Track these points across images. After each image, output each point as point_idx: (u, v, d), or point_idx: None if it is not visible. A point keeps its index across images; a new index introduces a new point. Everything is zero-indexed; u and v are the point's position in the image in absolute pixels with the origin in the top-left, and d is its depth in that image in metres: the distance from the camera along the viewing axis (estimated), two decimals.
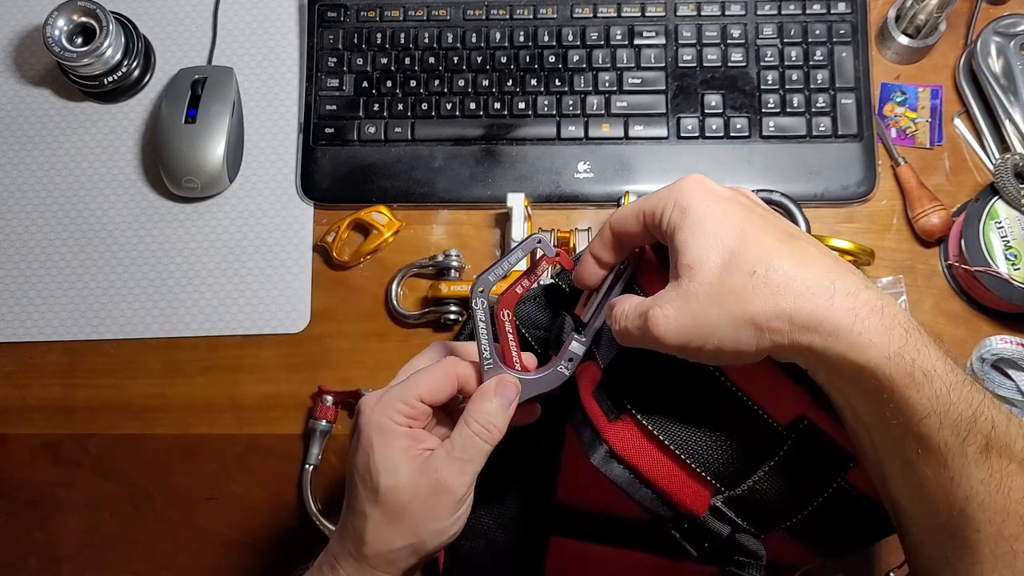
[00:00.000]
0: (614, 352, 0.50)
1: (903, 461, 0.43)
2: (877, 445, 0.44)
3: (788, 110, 0.78)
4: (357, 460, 0.49)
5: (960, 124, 0.79)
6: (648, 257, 0.51)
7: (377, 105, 0.80)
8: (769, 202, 0.76)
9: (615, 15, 0.81)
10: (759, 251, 0.43)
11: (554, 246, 0.51)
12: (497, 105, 0.80)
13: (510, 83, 0.80)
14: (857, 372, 0.42)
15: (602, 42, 0.80)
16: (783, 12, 0.80)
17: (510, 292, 0.51)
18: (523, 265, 0.55)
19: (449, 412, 0.53)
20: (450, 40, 0.81)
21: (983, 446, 0.41)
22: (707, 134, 0.78)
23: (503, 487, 0.61)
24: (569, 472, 0.60)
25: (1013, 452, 0.41)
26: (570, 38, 0.80)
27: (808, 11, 0.80)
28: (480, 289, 0.50)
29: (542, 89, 0.80)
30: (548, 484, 0.61)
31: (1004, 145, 0.76)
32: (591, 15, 0.81)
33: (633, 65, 0.80)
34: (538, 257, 0.51)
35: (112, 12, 0.79)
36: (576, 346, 0.50)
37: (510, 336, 0.51)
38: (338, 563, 0.50)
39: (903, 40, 0.79)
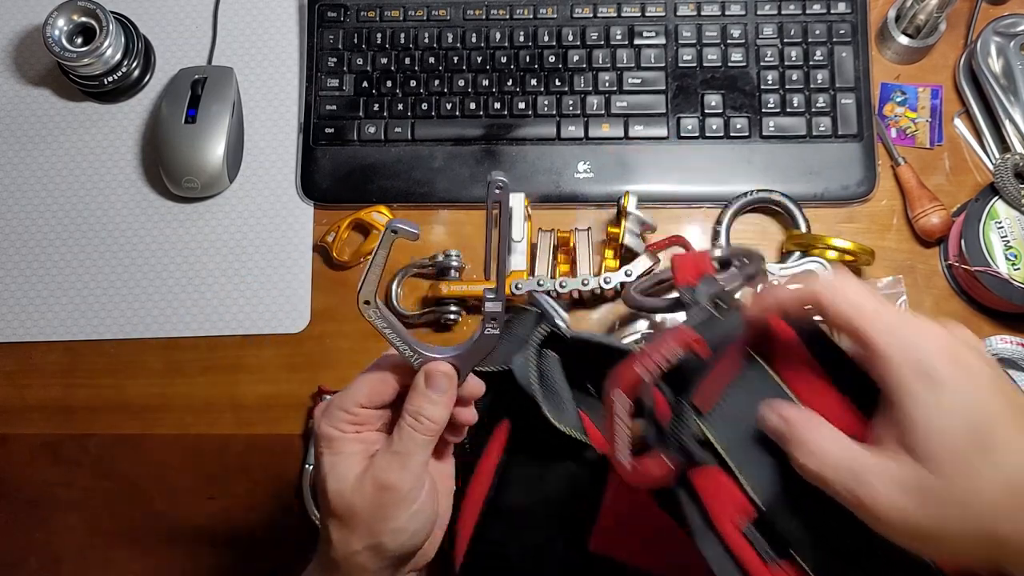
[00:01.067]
0: (766, 475, 0.42)
1: None
2: None
3: (788, 110, 0.78)
4: (314, 470, 0.50)
5: (960, 124, 0.79)
6: (787, 338, 0.43)
7: (377, 105, 0.80)
8: (769, 202, 0.76)
9: (615, 15, 0.81)
10: (1018, 458, 0.37)
11: (410, 228, 0.47)
12: (497, 105, 0.80)
13: (510, 83, 0.80)
14: None
15: (602, 42, 0.80)
16: (783, 12, 0.80)
17: (627, 371, 0.43)
18: (383, 259, 0.49)
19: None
20: (450, 40, 0.81)
21: None
22: (707, 134, 0.78)
23: (533, 521, 0.59)
24: (608, 521, 0.57)
25: None
26: (570, 38, 0.80)
27: (808, 11, 0.80)
28: (365, 301, 0.49)
29: (542, 89, 0.80)
30: (582, 530, 0.57)
31: (1004, 145, 0.76)
32: (591, 15, 0.81)
33: (633, 65, 0.80)
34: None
35: (112, 12, 0.79)
36: (491, 305, 0.48)
37: (618, 423, 0.43)
38: (320, 567, 0.51)
39: (903, 40, 0.79)
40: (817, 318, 0.42)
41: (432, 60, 0.81)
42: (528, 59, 0.80)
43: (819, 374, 0.41)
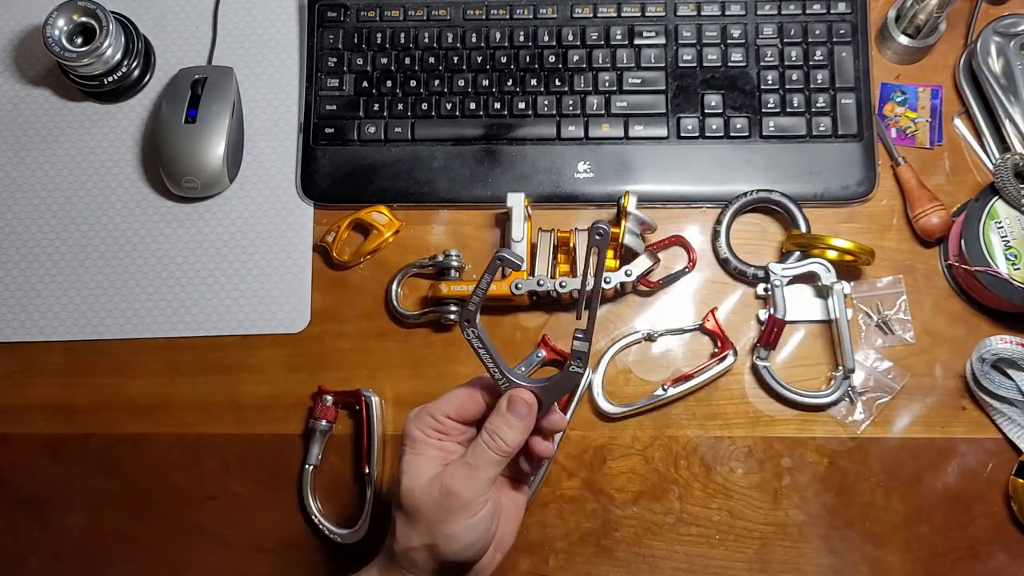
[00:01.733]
0: None
1: None
2: None
3: (788, 110, 0.78)
4: (398, 468, 0.55)
5: (960, 124, 0.79)
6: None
7: (377, 105, 0.80)
8: (769, 202, 0.76)
9: (615, 15, 0.81)
10: None
11: (515, 259, 0.53)
12: (497, 105, 0.80)
13: (510, 83, 0.80)
14: None
15: (602, 42, 0.80)
16: (783, 12, 0.80)
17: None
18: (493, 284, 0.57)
19: None
20: (450, 40, 0.81)
21: None
22: (707, 134, 0.78)
23: None
24: None
25: None
26: (570, 38, 0.80)
27: (808, 11, 0.80)
28: (466, 320, 0.54)
29: (542, 89, 0.80)
30: None
31: (1004, 145, 0.76)
32: (591, 15, 0.81)
33: (633, 65, 0.80)
34: (503, 271, 0.54)
35: (112, 12, 0.79)
36: (579, 344, 0.54)
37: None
38: (383, 559, 0.56)
39: (903, 40, 0.79)
40: None
41: (432, 60, 0.81)
42: (528, 59, 0.80)
43: None
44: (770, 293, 0.73)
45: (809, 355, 0.75)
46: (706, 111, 0.78)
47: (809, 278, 0.75)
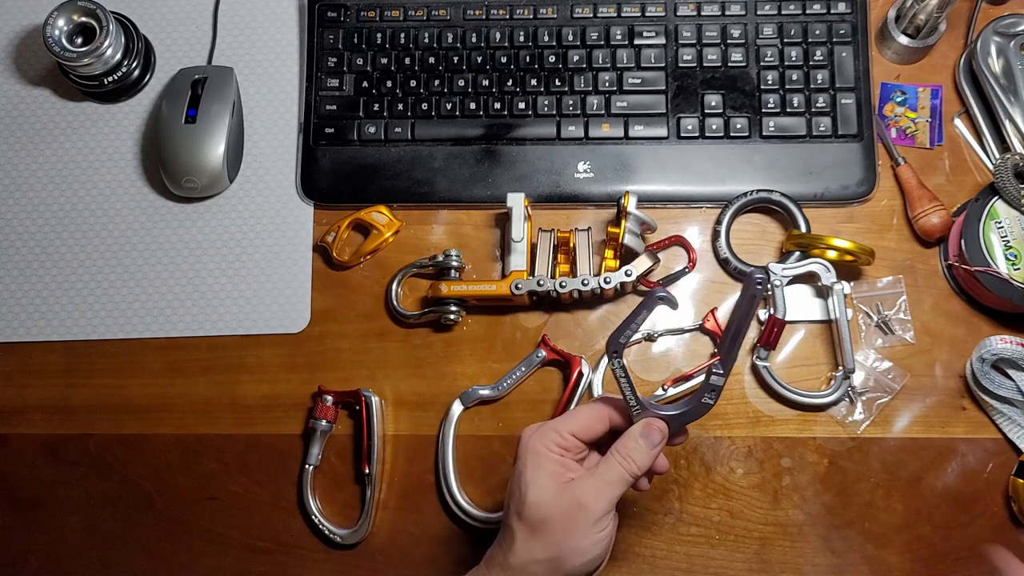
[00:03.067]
0: None
1: None
2: None
3: (788, 110, 0.78)
4: (513, 479, 0.57)
5: (960, 124, 0.79)
6: None
7: (377, 105, 0.80)
8: (769, 202, 0.76)
9: (615, 15, 0.81)
10: None
11: (673, 299, 0.57)
12: (497, 105, 0.80)
13: (510, 83, 0.80)
14: None
15: (602, 42, 0.80)
16: (783, 12, 0.80)
17: None
18: (648, 322, 0.61)
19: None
20: (450, 40, 0.81)
21: None
22: (707, 134, 0.78)
23: None
24: None
25: None
26: (570, 38, 0.80)
27: (808, 11, 0.80)
28: (614, 352, 0.57)
29: (542, 89, 0.80)
30: None
31: (1004, 145, 0.76)
32: (591, 15, 0.81)
33: (633, 65, 0.80)
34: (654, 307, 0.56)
35: (112, 12, 0.79)
36: (716, 379, 0.57)
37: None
38: (490, 571, 0.56)
39: (903, 40, 0.79)
40: None
41: (432, 60, 0.81)
42: (528, 59, 0.80)
43: None
44: (770, 293, 0.73)
45: (809, 355, 0.75)
46: (706, 111, 0.78)
47: (809, 278, 0.75)
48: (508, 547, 0.55)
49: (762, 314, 0.74)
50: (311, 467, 0.74)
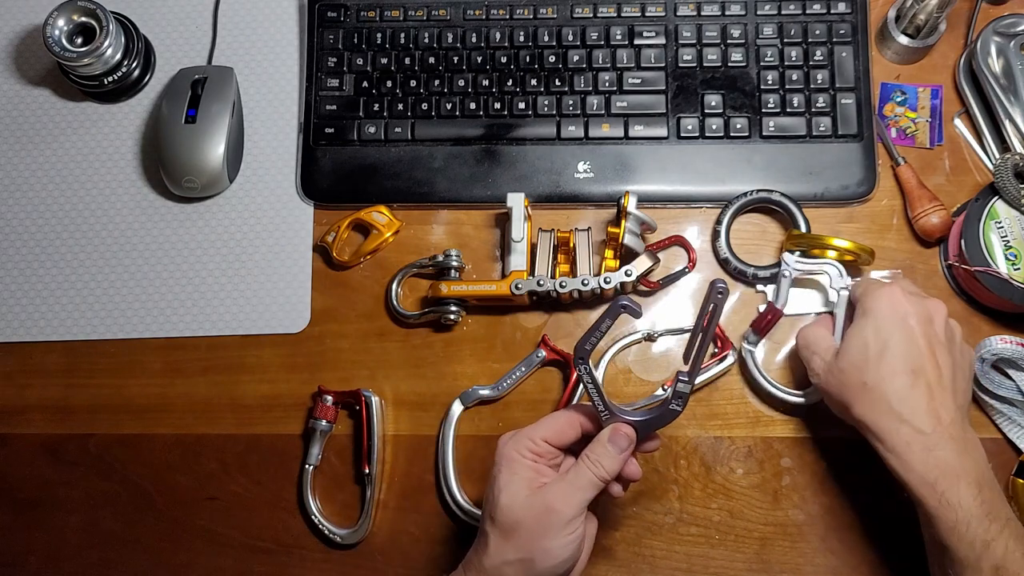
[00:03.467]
0: None
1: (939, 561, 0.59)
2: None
3: (788, 110, 0.78)
4: (488, 485, 0.59)
5: (960, 124, 0.79)
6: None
7: (377, 105, 0.80)
8: (769, 202, 0.76)
9: (615, 15, 0.81)
10: (880, 374, 0.61)
11: (635, 307, 0.57)
12: (497, 105, 0.80)
13: (510, 83, 0.80)
14: (902, 484, 0.60)
15: (602, 42, 0.80)
16: (783, 12, 0.80)
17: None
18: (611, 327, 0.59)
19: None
20: (450, 40, 0.81)
21: (994, 567, 0.56)
22: (707, 134, 0.78)
23: None
24: None
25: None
26: (570, 38, 0.80)
27: (808, 11, 0.80)
28: (580, 358, 0.58)
29: (542, 89, 0.80)
30: None
31: (1004, 145, 0.76)
32: (591, 15, 0.81)
33: (633, 65, 0.80)
34: (619, 316, 0.57)
35: (112, 12, 0.79)
36: (682, 386, 0.58)
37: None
38: (466, 573, 0.58)
39: (903, 40, 0.79)
40: None
41: (432, 60, 0.81)
42: (528, 59, 0.80)
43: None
44: (777, 282, 0.72)
45: None
46: (706, 111, 0.78)
47: (814, 279, 0.75)
48: (483, 550, 0.57)
49: (763, 308, 0.74)
50: (311, 467, 0.74)
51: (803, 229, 0.75)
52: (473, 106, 0.80)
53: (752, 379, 0.73)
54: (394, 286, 0.77)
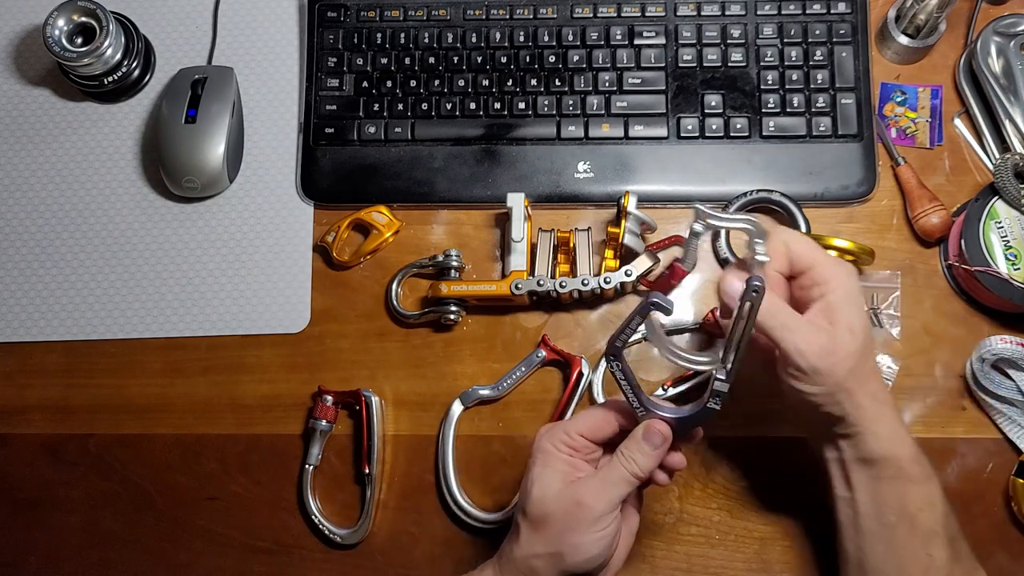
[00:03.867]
0: None
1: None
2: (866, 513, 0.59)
3: (788, 110, 0.78)
4: (524, 477, 0.58)
5: (960, 124, 0.79)
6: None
7: (377, 105, 0.80)
8: (769, 202, 0.76)
9: (615, 15, 0.81)
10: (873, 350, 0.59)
11: (666, 304, 0.55)
12: (497, 105, 0.80)
13: (510, 83, 0.80)
14: (881, 463, 0.58)
15: (602, 42, 0.80)
16: (783, 12, 0.80)
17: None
18: (643, 327, 0.58)
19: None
20: (450, 40, 0.81)
21: (951, 521, 0.59)
22: (707, 134, 0.78)
23: None
24: None
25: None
26: (570, 38, 0.80)
27: (808, 11, 0.80)
28: (612, 355, 0.57)
29: (542, 89, 0.80)
30: None
31: (1004, 145, 0.76)
32: (591, 15, 0.81)
33: (633, 65, 0.80)
34: (651, 314, 0.55)
35: (112, 12, 0.79)
36: (720, 384, 0.57)
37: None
38: (498, 563, 0.59)
39: (903, 40, 0.79)
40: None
41: (432, 60, 0.81)
42: (528, 59, 0.80)
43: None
44: (686, 239, 0.64)
45: None
46: (706, 111, 0.78)
47: None
48: (515, 541, 0.57)
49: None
50: (311, 467, 0.74)
51: (803, 229, 0.75)
52: (473, 106, 0.80)
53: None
54: (394, 286, 0.77)
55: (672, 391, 0.73)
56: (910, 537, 0.57)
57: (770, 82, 0.79)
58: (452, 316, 0.75)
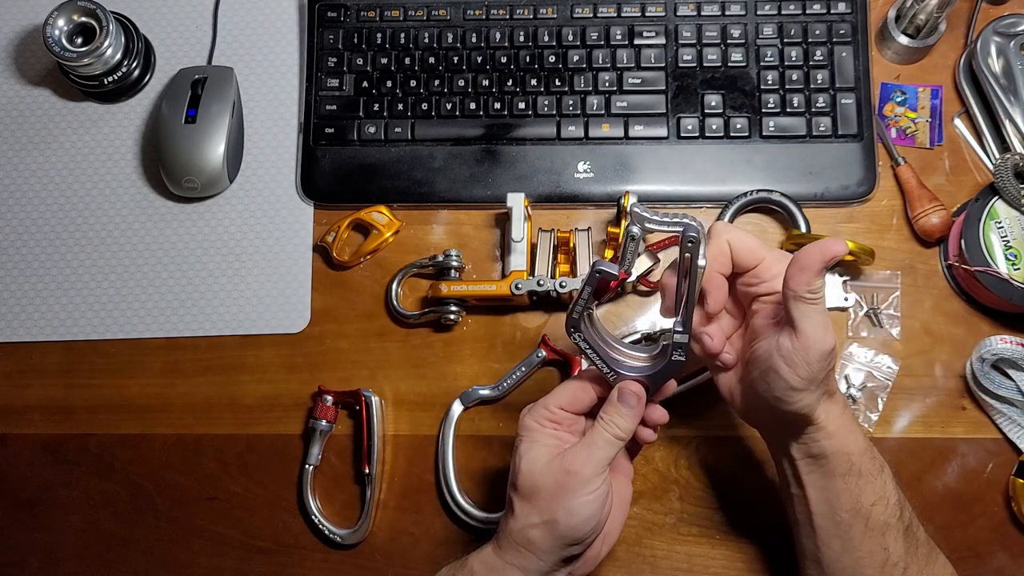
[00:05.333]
0: None
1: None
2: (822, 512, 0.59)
3: (788, 110, 0.78)
4: (512, 455, 0.59)
5: (960, 124, 0.79)
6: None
7: (377, 105, 0.80)
8: (769, 202, 0.76)
9: (615, 15, 0.81)
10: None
11: (611, 269, 0.55)
12: (497, 105, 0.80)
13: (510, 83, 0.80)
14: (842, 458, 0.58)
15: (602, 42, 0.80)
16: (783, 12, 0.80)
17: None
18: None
19: None
20: (450, 40, 0.81)
21: (903, 509, 0.59)
22: (707, 134, 0.78)
23: None
24: None
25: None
26: (570, 38, 0.80)
27: (808, 11, 0.80)
28: (572, 327, 0.58)
29: (542, 89, 0.80)
30: None
31: (1004, 145, 0.76)
32: (591, 15, 0.81)
33: (633, 65, 0.80)
34: (599, 281, 0.56)
35: (112, 12, 0.79)
36: (680, 336, 0.57)
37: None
38: (496, 540, 0.60)
39: (903, 40, 0.79)
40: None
41: (432, 60, 0.81)
42: (528, 59, 0.80)
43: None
44: (623, 241, 0.57)
45: None
46: (706, 111, 0.78)
47: None
48: (509, 516, 0.58)
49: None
50: (311, 467, 0.74)
51: (803, 229, 0.75)
52: (473, 106, 0.80)
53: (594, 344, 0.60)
54: (394, 286, 0.77)
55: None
56: (865, 533, 0.58)
57: (770, 82, 0.79)
58: (452, 316, 0.75)
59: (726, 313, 0.62)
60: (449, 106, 0.80)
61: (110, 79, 0.80)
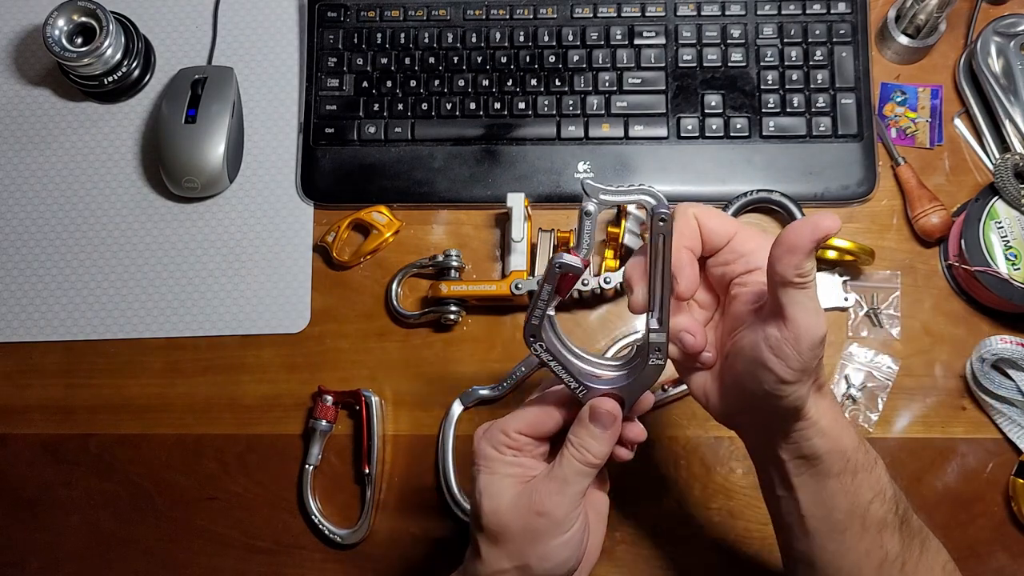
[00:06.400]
0: None
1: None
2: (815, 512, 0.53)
3: (788, 110, 0.78)
4: (472, 488, 0.52)
5: (960, 124, 0.79)
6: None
7: (377, 105, 0.80)
8: (769, 202, 0.76)
9: (615, 15, 0.81)
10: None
11: (573, 263, 0.48)
12: (497, 105, 0.80)
13: (510, 83, 0.80)
14: (836, 455, 0.52)
15: (602, 42, 0.80)
16: (783, 12, 0.80)
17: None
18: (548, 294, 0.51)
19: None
20: (450, 40, 0.81)
21: (900, 502, 0.54)
22: (707, 134, 0.78)
23: None
24: None
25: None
26: (570, 38, 0.80)
27: (808, 11, 0.80)
28: (531, 336, 0.50)
29: (542, 89, 0.80)
30: None
31: (1004, 145, 0.76)
32: (591, 15, 0.81)
33: (633, 65, 0.80)
34: (560, 277, 0.49)
35: (112, 12, 0.79)
36: (656, 336, 0.49)
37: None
38: None
39: (903, 40, 0.79)
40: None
41: (432, 60, 0.81)
42: (528, 59, 0.80)
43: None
44: (577, 224, 0.50)
45: None
46: (706, 111, 0.78)
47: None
48: (476, 559, 0.52)
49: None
50: (311, 467, 0.74)
51: None
52: (473, 106, 0.80)
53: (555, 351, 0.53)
54: (394, 286, 0.77)
55: (672, 391, 0.73)
56: (862, 534, 0.52)
57: (770, 82, 0.79)
58: (452, 316, 0.75)
59: (695, 303, 0.53)
60: (449, 106, 0.80)
61: (110, 79, 0.80)
